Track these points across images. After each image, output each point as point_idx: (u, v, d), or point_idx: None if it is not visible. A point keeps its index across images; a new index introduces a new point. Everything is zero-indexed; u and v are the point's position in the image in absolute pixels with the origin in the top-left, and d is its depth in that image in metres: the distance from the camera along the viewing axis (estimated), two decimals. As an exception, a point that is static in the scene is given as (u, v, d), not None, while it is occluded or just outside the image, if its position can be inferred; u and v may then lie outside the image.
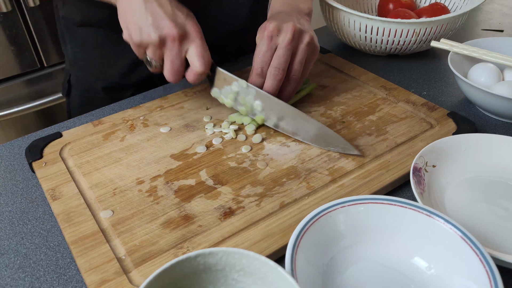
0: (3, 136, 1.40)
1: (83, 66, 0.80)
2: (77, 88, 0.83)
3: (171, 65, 0.56)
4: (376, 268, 0.42)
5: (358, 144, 0.57)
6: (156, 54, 0.56)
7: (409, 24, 0.72)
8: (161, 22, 0.53)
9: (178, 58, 0.55)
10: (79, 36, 0.78)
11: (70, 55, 0.81)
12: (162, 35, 0.54)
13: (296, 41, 0.58)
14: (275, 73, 0.57)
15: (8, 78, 1.34)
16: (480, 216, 0.48)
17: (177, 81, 0.58)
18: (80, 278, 0.43)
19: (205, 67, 0.56)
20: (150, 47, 0.55)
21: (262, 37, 0.58)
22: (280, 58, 0.57)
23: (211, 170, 0.54)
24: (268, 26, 0.58)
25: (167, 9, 0.54)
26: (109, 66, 0.78)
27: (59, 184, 0.52)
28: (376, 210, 0.43)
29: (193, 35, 0.55)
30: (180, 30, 0.54)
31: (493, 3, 1.05)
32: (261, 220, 0.47)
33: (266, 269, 0.35)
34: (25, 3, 1.25)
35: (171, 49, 0.55)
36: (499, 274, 0.37)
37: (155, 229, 0.46)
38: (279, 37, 0.58)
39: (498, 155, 0.54)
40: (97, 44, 0.77)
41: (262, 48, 0.58)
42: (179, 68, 0.56)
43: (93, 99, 0.81)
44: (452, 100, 0.69)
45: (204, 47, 0.56)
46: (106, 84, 0.80)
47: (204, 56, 0.56)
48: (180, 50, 0.55)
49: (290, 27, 0.57)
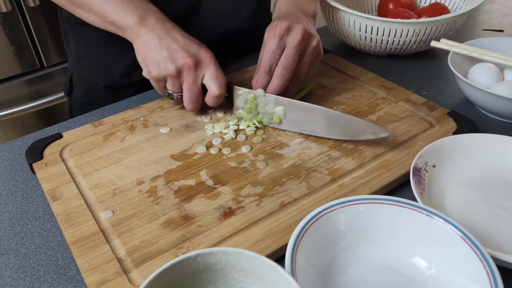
0: (3, 136, 1.40)
1: (86, 65, 0.81)
2: (79, 87, 0.84)
3: (190, 93, 0.59)
4: (376, 268, 0.42)
5: (358, 143, 0.57)
6: (175, 85, 0.59)
7: (409, 24, 0.72)
8: (176, 54, 0.57)
9: (195, 85, 0.58)
10: (82, 35, 0.78)
11: (72, 54, 0.82)
12: (178, 66, 0.57)
13: (305, 43, 0.59)
14: (283, 73, 0.58)
15: (8, 78, 1.34)
16: (480, 216, 0.48)
17: (196, 109, 0.61)
18: (80, 278, 0.43)
19: (222, 89, 0.58)
20: (169, 79, 0.59)
21: (272, 36, 0.59)
22: (289, 58, 0.58)
23: (211, 170, 0.54)
24: (279, 25, 0.59)
25: (180, 42, 0.57)
26: (111, 65, 0.79)
27: (60, 185, 0.52)
28: (376, 210, 0.43)
29: (206, 61, 0.58)
30: (194, 58, 0.57)
31: (493, 3, 1.05)
32: (261, 220, 0.47)
33: (266, 269, 0.35)
34: (25, 3, 1.25)
35: (188, 78, 0.58)
36: (499, 274, 0.37)
37: (155, 229, 0.46)
38: (289, 37, 0.59)
39: (498, 155, 0.54)
40: (99, 44, 0.77)
41: (272, 47, 0.59)
42: (197, 95, 0.59)
43: (95, 98, 0.82)
44: (452, 100, 0.69)
45: (219, 71, 0.58)
46: (107, 84, 0.80)
47: (219, 79, 0.58)
48: (196, 77, 0.58)
49: (301, 28, 0.58)
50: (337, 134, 0.57)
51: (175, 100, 0.61)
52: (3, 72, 1.32)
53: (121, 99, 0.72)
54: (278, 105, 0.59)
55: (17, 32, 1.28)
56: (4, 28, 1.25)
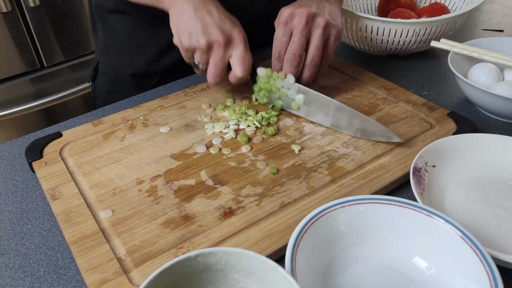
0: (3, 136, 1.40)
1: (114, 53, 0.83)
2: (106, 75, 0.86)
3: (215, 68, 0.60)
4: (376, 268, 0.42)
5: (358, 144, 0.57)
6: (203, 58, 0.60)
7: (409, 24, 0.72)
8: (210, 29, 0.58)
9: (221, 62, 0.59)
10: (110, 24, 0.80)
11: (100, 43, 0.84)
12: (209, 41, 0.58)
13: (310, 26, 0.60)
14: (292, 59, 0.60)
15: (8, 78, 1.34)
16: (480, 216, 0.48)
17: (218, 83, 0.62)
18: (80, 278, 0.43)
19: (245, 72, 0.60)
20: (198, 52, 0.60)
21: (277, 24, 0.62)
22: (295, 44, 0.60)
23: (211, 170, 0.54)
24: (282, 12, 0.61)
25: (215, 16, 0.58)
26: (138, 53, 0.80)
27: (59, 184, 0.52)
28: (376, 210, 0.43)
29: (237, 41, 0.59)
30: (226, 36, 0.58)
31: (493, 3, 1.05)
32: (261, 220, 0.47)
33: (266, 269, 0.35)
34: (25, 3, 1.25)
35: (216, 54, 0.59)
36: (499, 274, 0.36)
37: (155, 229, 0.46)
38: (293, 22, 0.60)
39: (498, 155, 0.54)
40: (127, 32, 0.79)
41: (279, 34, 0.61)
42: (221, 72, 0.60)
43: (120, 85, 0.84)
44: (452, 100, 0.69)
45: (247, 53, 0.59)
46: (134, 71, 0.82)
47: (245, 62, 0.59)
48: (224, 55, 0.59)
49: (304, 12, 0.59)
50: (349, 130, 0.58)
51: (199, 71, 0.62)
52: (3, 72, 1.32)
53: (147, 87, 0.74)
54: (300, 93, 0.60)
55: (17, 32, 1.28)
56: (4, 28, 1.25)
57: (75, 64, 1.44)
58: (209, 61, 0.60)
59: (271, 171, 0.53)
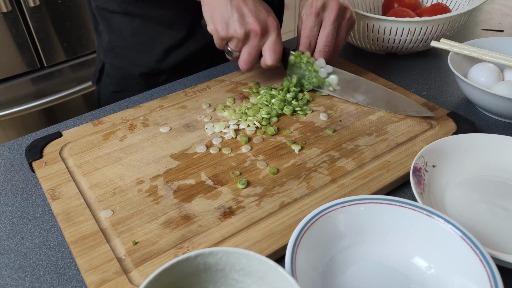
0: (3, 136, 1.40)
1: (120, 53, 0.83)
2: (112, 76, 0.86)
3: (248, 56, 0.62)
4: (376, 268, 0.42)
5: (358, 144, 0.57)
6: (238, 46, 0.62)
7: (409, 23, 0.72)
8: (247, 18, 0.59)
9: (255, 50, 0.62)
10: (115, 25, 0.80)
11: (105, 44, 0.83)
12: (247, 31, 0.60)
13: (340, 18, 0.63)
14: (326, 50, 0.64)
15: (8, 78, 1.34)
16: (480, 216, 0.48)
17: (249, 70, 0.64)
18: (80, 278, 0.43)
19: (275, 62, 0.62)
20: (234, 40, 0.61)
21: (309, 14, 0.63)
22: (329, 36, 0.63)
23: (211, 170, 0.54)
24: (314, 3, 0.63)
25: (250, 5, 0.59)
26: (146, 52, 0.81)
27: (59, 184, 0.52)
28: (376, 210, 0.43)
29: (271, 29, 0.61)
30: (262, 25, 0.60)
31: (493, 3, 1.05)
32: (261, 220, 0.47)
33: (266, 269, 0.35)
34: (25, 3, 1.25)
35: (252, 42, 0.61)
36: (499, 274, 0.36)
37: (155, 229, 0.46)
38: (324, 13, 0.63)
39: (498, 155, 0.54)
40: (133, 32, 0.79)
41: (309, 24, 0.63)
42: (254, 59, 0.63)
43: (128, 85, 0.85)
44: (452, 100, 0.69)
45: (279, 41, 0.62)
46: (143, 70, 0.82)
47: (276, 51, 0.62)
48: (260, 44, 0.61)
49: (336, 5, 0.62)
50: (381, 106, 0.63)
51: (232, 57, 0.64)
52: (3, 72, 1.32)
53: (154, 85, 0.75)
54: (333, 74, 0.65)
55: (17, 32, 1.28)
56: (4, 28, 1.25)
57: (75, 64, 1.44)
58: (243, 48, 0.62)
59: (271, 171, 0.53)
